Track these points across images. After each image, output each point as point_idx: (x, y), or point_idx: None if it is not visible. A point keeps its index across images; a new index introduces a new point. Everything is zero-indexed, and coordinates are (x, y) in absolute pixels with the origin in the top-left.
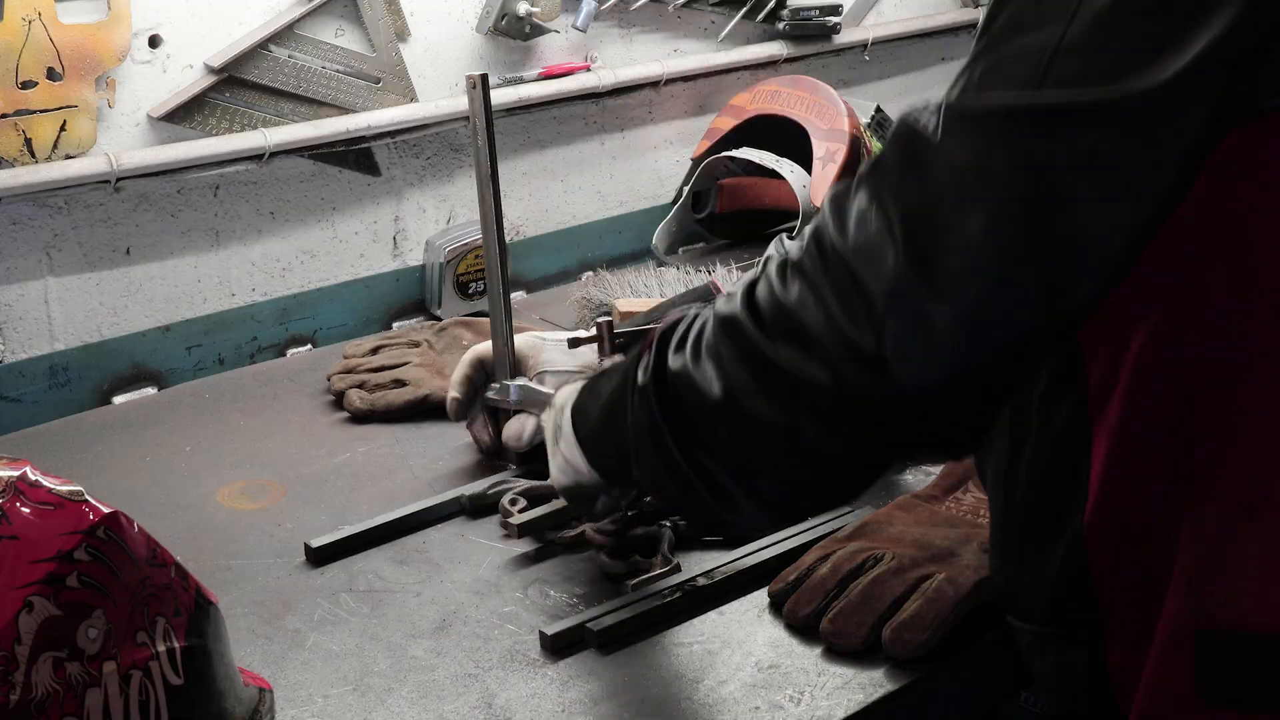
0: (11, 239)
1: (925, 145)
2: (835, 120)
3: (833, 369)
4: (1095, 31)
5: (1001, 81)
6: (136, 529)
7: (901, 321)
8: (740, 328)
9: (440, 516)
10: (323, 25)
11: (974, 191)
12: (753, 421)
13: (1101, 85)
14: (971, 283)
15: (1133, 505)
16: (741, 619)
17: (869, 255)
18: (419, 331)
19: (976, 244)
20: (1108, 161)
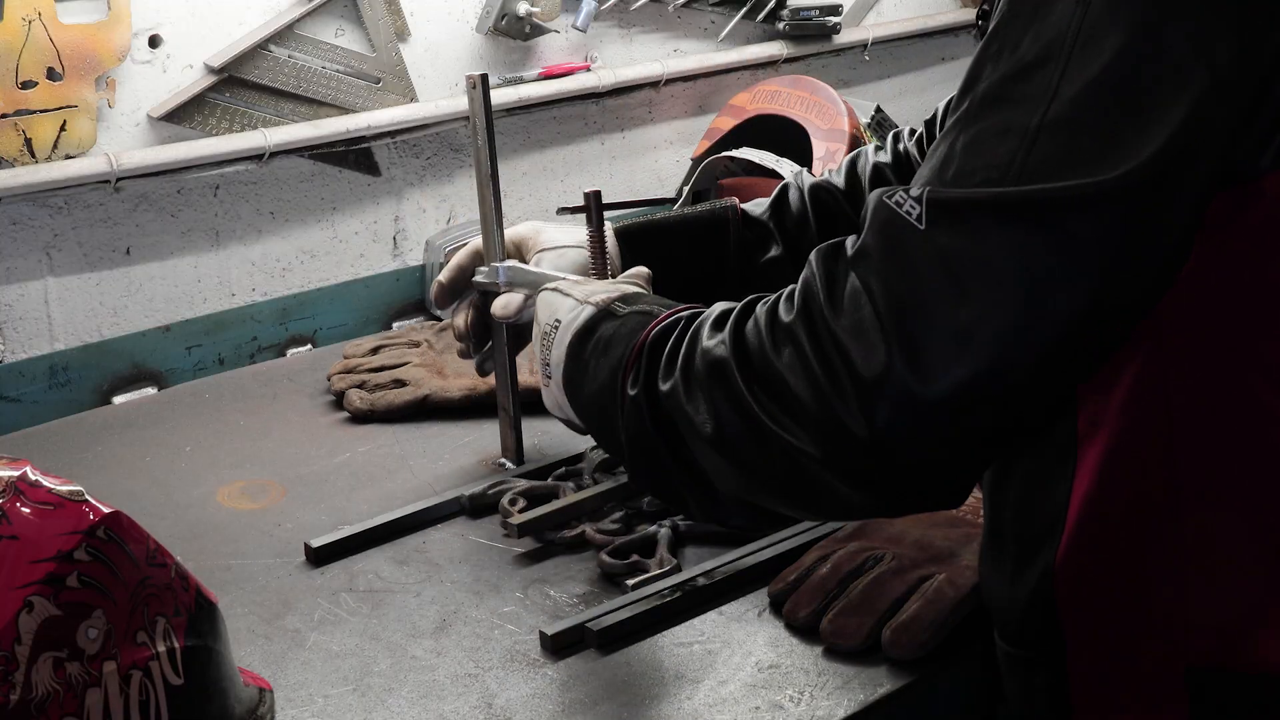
0: (11, 239)
1: (910, 233)
2: (835, 120)
3: (822, 444)
4: (1077, 109)
5: (982, 164)
6: (137, 529)
7: (891, 408)
8: (729, 376)
9: (440, 516)
10: (323, 25)
11: (965, 282)
12: (747, 463)
13: (1087, 168)
14: (963, 368)
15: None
16: (741, 619)
17: (857, 340)
18: (419, 331)
19: (969, 332)
20: (1100, 247)
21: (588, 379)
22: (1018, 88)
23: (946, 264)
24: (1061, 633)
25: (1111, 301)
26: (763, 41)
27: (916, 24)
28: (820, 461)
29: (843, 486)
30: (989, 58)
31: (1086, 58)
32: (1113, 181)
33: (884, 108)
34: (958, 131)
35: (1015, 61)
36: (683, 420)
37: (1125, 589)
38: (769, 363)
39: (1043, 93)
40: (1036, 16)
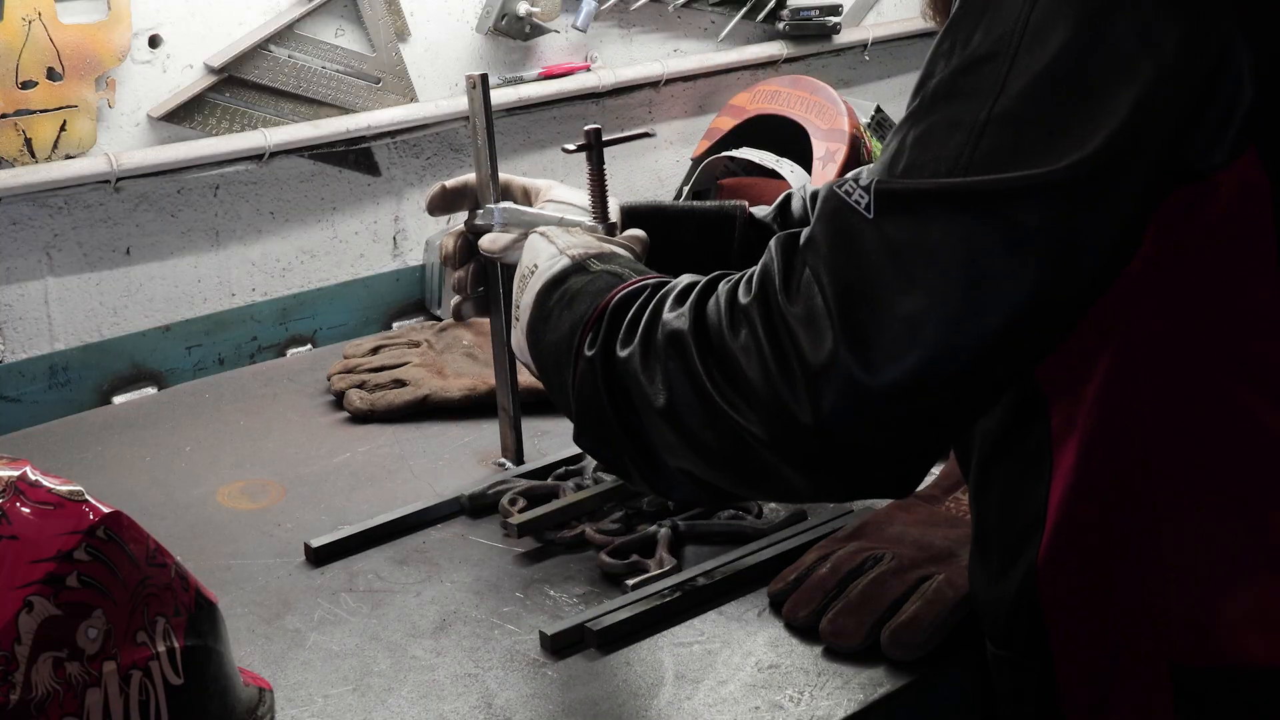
0: (11, 239)
1: (859, 222)
2: (835, 120)
3: (768, 426)
4: (1023, 102)
5: (931, 158)
6: (137, 529)
7: (837, 395)
8: (686, 351)
9: (440, 516)
10: (323, 25)
11: (911, 270)
12: (695, 435)
13: (1033, 160)
14: (909, 356)
15: (1088, 545)
16: (741, 619)
17: (807, 327)
18: (419, 331)
19: (915, 320)
20: (1046, 237)
21: (549, 329)
22: (967, 81)
23: (893, 253)
24: (1047, 634)
25: (1056, 291)
26: (763, 41)
27: (916, 24)
28: (766, 444)
29: (787, 469)
30: (940, 55)
31: (1034, 51)
32: (1059, 172)
33: (884, 108)
34: (909, 126)
35: (965, 57)
36: (636, 389)
37: (1106, 587)
38: (724, 342)
39: (990, 86)
40: (986, 12)
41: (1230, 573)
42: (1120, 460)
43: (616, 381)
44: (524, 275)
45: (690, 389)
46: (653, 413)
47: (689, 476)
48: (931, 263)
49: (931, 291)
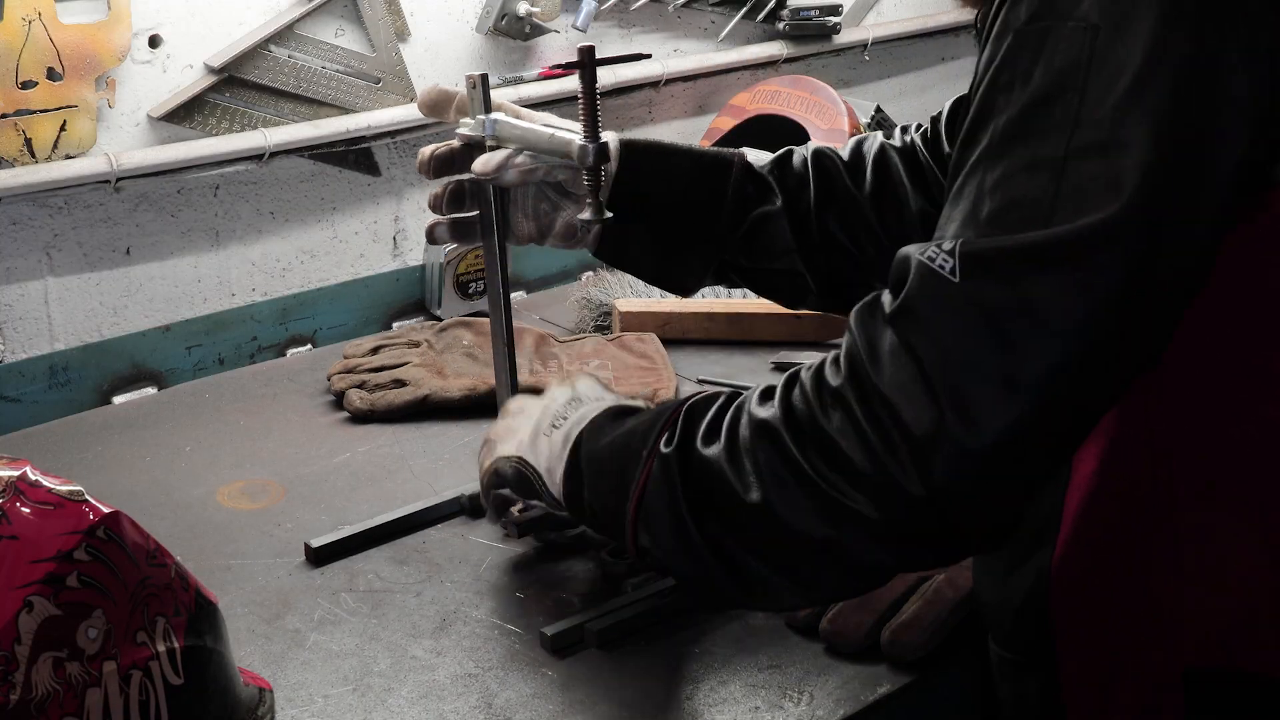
0: (11, 239)
1: (946, 287)
2: (835, 120)
3: (877, 502)
4: (1100, 134)
5: (1015, 204)
6: (137, 529)
7: (946, 463)
8: (780, 440)
9: (440, 516)
10: (323, 25)
11: (1004, 330)
12: (792, 528)
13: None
14: (1010, 413)
15: (1104, 551)
16: (741, 619)
17: (904, 398)
18: (419, 331)
19: (1013, 379)
20: (1129, 280)
21: (614, 430)
22: (1038, 120)
23: (984, 314)
24: (1054, 638)
25: (1143, 322)
26: (763, 41)
27: (916, 24)
28: (878, 522)
29: (888, 549)
30: (1000, 89)
31: (1102, 83)
32: (1127, 206)
33: (884, 108)
34: (984, 170)
35: (1030, 93)
36: (721, 487)
37: (1123, 592)
38: (819, 426)
39: (1064, 121)
40: (1044, 48)
41: (1247, 582)
42: (1141, 469)
43: (694, 481)
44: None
45: (787, 479)
46: (743, 509)
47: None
48: (1023, 320)
49: (1026, 349)
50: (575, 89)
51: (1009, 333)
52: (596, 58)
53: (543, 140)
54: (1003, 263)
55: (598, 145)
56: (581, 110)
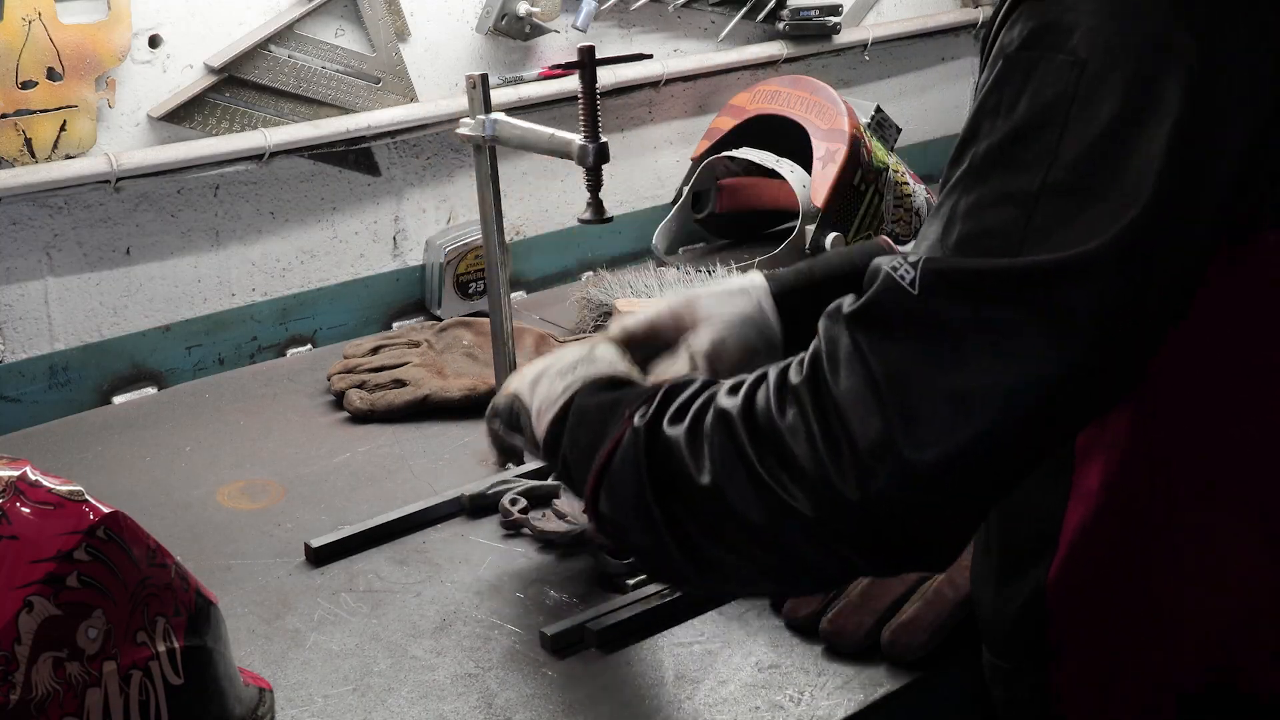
0: (11, 239)
1: (905, 299)
2: (835, 120)
3: (815, 502)
4: (1076, 174)
5: (983, 232)
6: (136, 529)
7: (887, 474)
8: (734, 430)
9: (440, 516)
10: (323, 25)
11: (958, 349)
12: (738, 514)
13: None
14: (957, 434)
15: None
16: (741, 619)
17: (855, 405)
18: (419, 331)
19: (963, 399)
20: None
21: (600, 397)
22: (1016, 151)
23: (939, 331)
24: (1049, 648)
25: (1103, 362)
26: (763, 41)
27: (916, 24)
28: (813, 521)
29: (830, 548)
30: (986, 113)
31: (1084, 120)
32: (1106, 247)
33: (884, 108)
34: (959, 193)
35: (1013, 123)
36: (679, 468)
37: (1123, 597)
38: (772, 422)
39: (1042, 156)
40: (1031, 78)
41: (1248, 582)
42: (1141, 480)
43: (658, 457)
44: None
45: (737, 467)
46: (697, 490)
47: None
48: (977, 342)
49: (979, 371)
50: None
51: (963, 352)
52: (596, 58)
53: (543, 140)
54: (964, 283)
55: (598, 145)
56: (581, 110)
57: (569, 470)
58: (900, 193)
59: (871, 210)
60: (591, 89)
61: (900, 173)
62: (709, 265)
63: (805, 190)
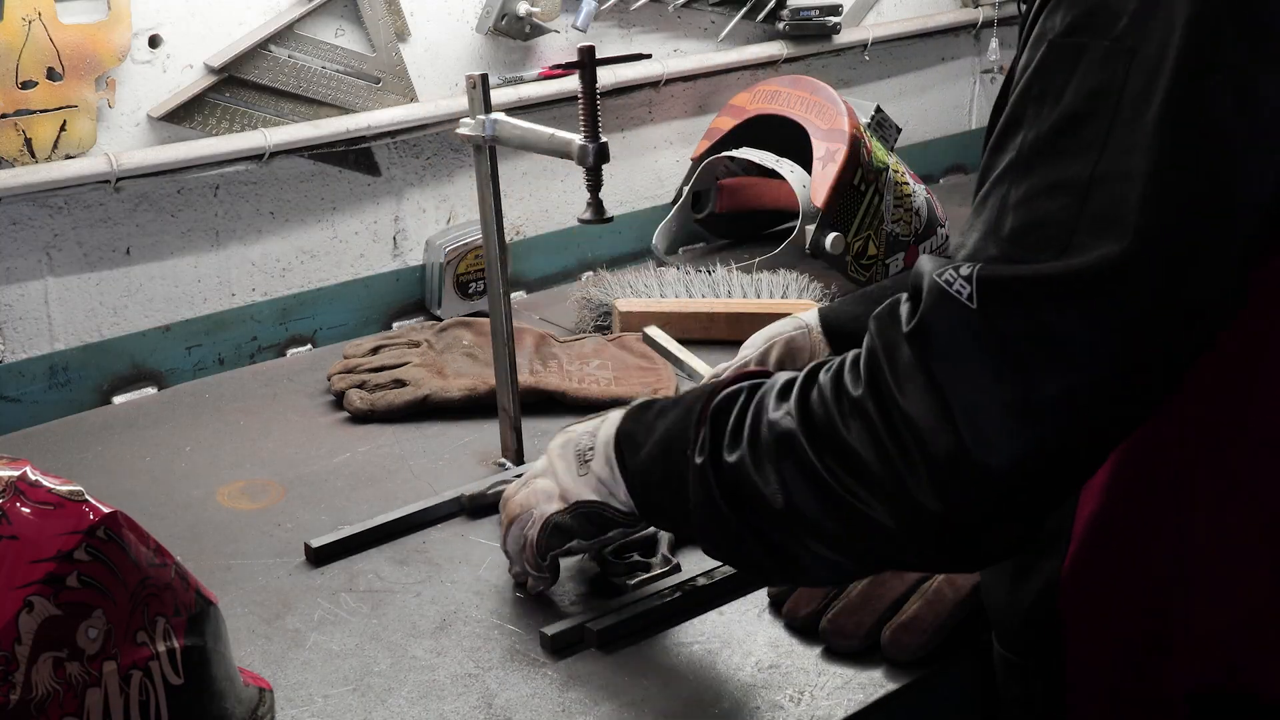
0: (11, 239)
1: (962, 313)
2: (835, 120)
3: (894, 513)
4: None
5: (1037, 224)
6: (136, 529)
7: (962, 486)
8: (799, 448)
9: (440, 516)
10: (323, 25)
11: (1022, 358)
12: (819, 527)
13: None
14: (1027, 438)
15: (1118, 563)
16: (741, 619)
17: (924, 419)
18: (419, 331)
19: (1030, 405)
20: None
21: (650, 431)
22: (1066, 140)
23: (1001, 341)
24: (1064, 645)
25: (1162, 352)
26: (763, 41)
27: (916, 24)
28: (894, 531)
29: (914, 549)
30: (1031, 99)
31: (1133, 110)
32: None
33: (884, 108)
34: (1009, 183)
35: (1061, 111)
36: (752, 493)
37: (1130, 606)
38: (839, 435)
39: (1093, 146)
40: (1079, 65)
41: (1256, 603)
42: (1154, 483)
43: (729, 486)
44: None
45: (808, 486)
46: (772, 514)
47: (821, 559)
48: (1037, 349)
49: (1041, 377)
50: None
51: (1025, 360)
52: (596, 58)
53: (543, 140)
54: (1020, 291)
55: (598, 145)
56: (581, 110)
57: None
58: (900, 193)
59: (871, 210)
60: (591, 89)
61: (900, 173)
62: (709, 265)
63: (805, 190)
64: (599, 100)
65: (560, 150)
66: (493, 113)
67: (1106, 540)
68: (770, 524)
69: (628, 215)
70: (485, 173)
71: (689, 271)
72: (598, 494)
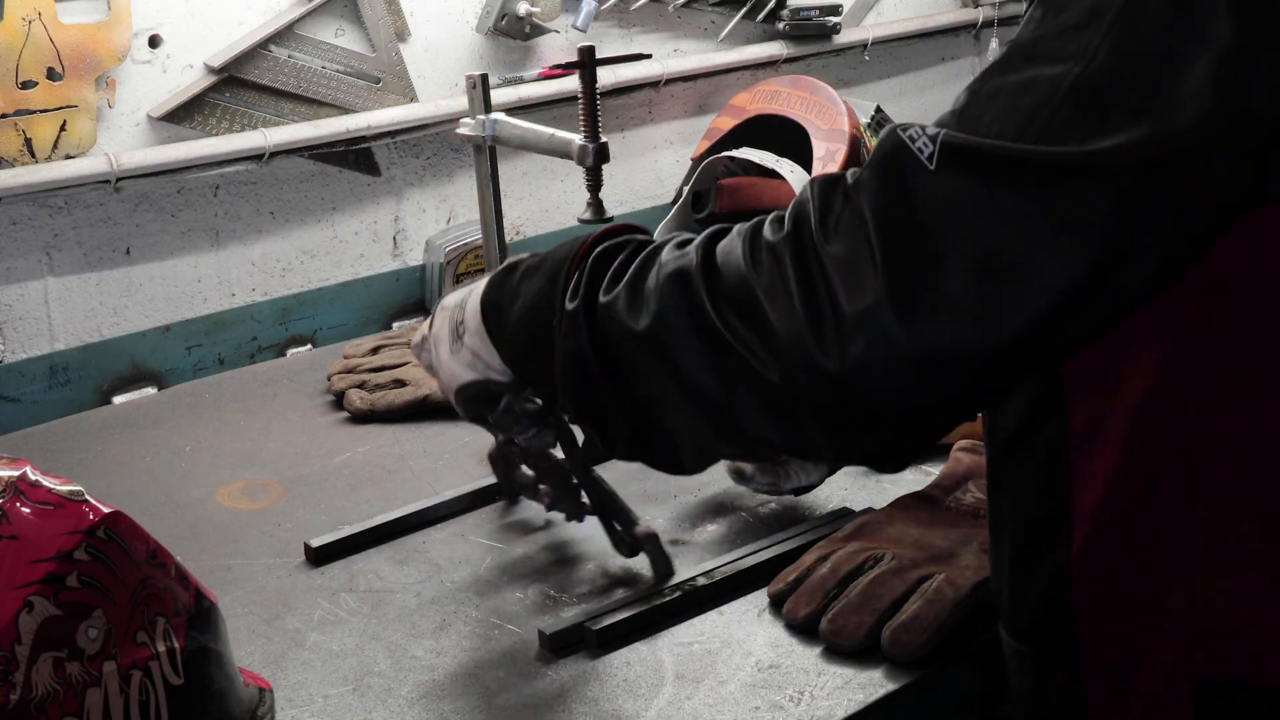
0: (11, 239)
1: (919, 170)
2: (835, 120)
3: (785, 369)
4: (1109, 77)
5: (1004, 113)
6: (137, 529)
7: (868, 347)
8: (692, 286)
9: (440, 516)
10: (323, 25)
11: (967, 234)
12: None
13: (1104, 138)
14: (948, 323)
15: (1126, 550)
16: (741, 619)
17: (847, 269)
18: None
19: (963, 288)
20: (1105, 222)
21: (516, 302)
22: (1055, 45)
23: (951, 210)
24: (1077, 632)
25: (1105, 282)
26: (763, 41)
27: (916, 24)
28: (779, 387)
29: (789, 419)
30: (1033, 18)
31: (1127, 30)
32: (1131, 152)
33: (884, 108)
34: (988, 78)
35: (1057, 22)
36: (615, 328)
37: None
38: (742, 279)
39: (1079, 53)
40: None
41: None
42: (1161, 467)
43: (601, 332)
44: (452, 329)
45: (691, 330)
46: (632, 345)
47: (684, 429)
48: (986, 229)
49: (983, 261)
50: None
51: (970, 239)
52: (596, 58)
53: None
54: (981, 163)
55: (598, 145)
56: (581, 110)
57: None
58: None
59: None
60: (591, 89)
61: None
62: None
63: None
64: (599, 100)
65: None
66: (493, 113)
67: (1114, 530)
68: (637, 379)
69: (628, 215)
70: (485, 173)
71: None
72: (474, 369)
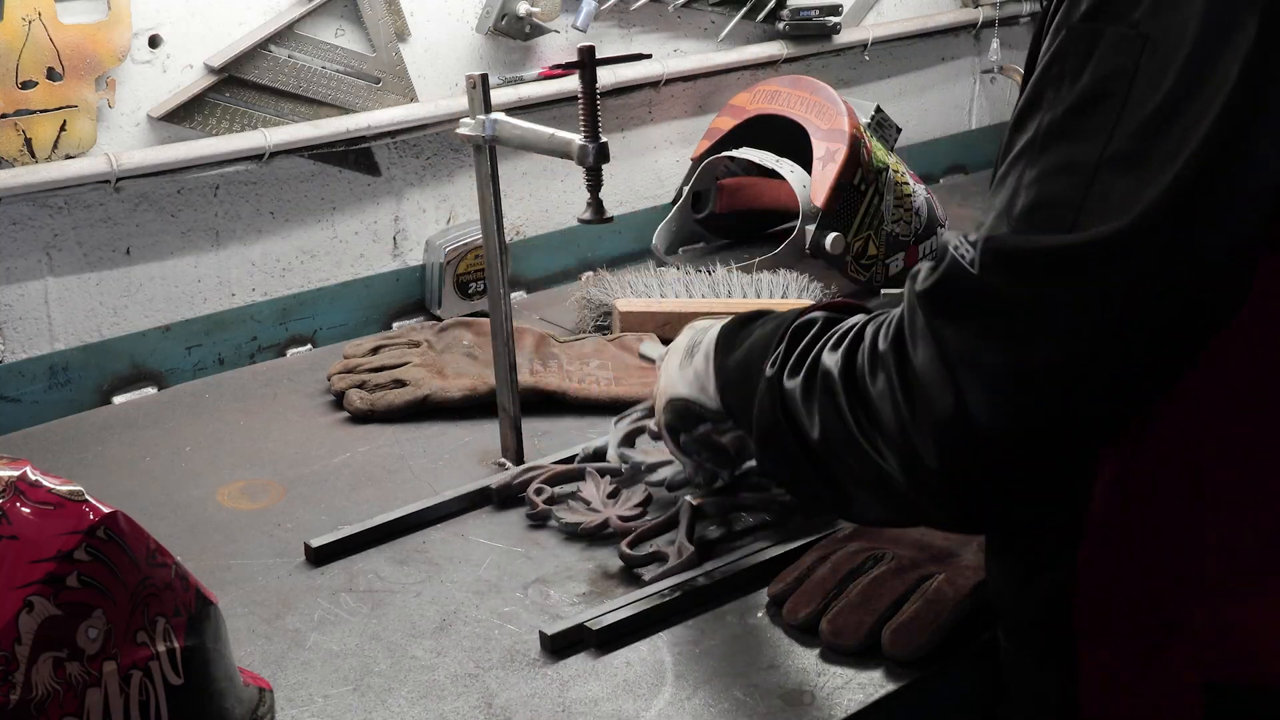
0: (11, 239)
1: (965, 278)
2: (835, 120)
3: (902, 466)
4: (1134, 145)
5: (1045, 203)
6: (137, 529)
7: (960, 447)
8: (833, 390)
9: (440, 516)
10: (323, 25)
11: (1017, 327)
12: (848, 466)
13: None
14: (1021, 405)
15: (1133, 554)
16: (741, 619)
17: (930, 378)
18: (419, 331)
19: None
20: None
21: (742, 344)
22: (1077, 122)
23: (996, 308)
24: (1074, 638)
25: (1152, 337)
26: (763, 41)
27: (916, 24)
28: (902, 482)
29: (922, 506)
30: (1050, 81)
31: (1145, 94)
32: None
33: (884, 108)
34: (1025, 164)
35: (1077, 94)
36: (799, 419)
37: (1147, 597)
38: (865, 384)
39: (1103, 129)
40: (1095, 49)
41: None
42: (1170, 475)
43: (788, 404)
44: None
45: (839, 427)
46: (810, 442)
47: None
48: (1029, 319)
49: (1034, 346)
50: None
51: (1018, 328)
52: (596, 58)
53: (543, 140)
54: (1019, 261)
55: (598, 145)
56: (581, 110)
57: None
58: (900, 193)
59: (871, 210)
60: (591, 89)
61: (900, 173)
62: (709, 265)
63: (805, 190)
64: (599, 100)
65: (560, 150)
66: (493, 113)
67: (1120, 535)
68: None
69: (628, 215)
70: (485, 173)
71: (689, 271)
72: (691, 387)
